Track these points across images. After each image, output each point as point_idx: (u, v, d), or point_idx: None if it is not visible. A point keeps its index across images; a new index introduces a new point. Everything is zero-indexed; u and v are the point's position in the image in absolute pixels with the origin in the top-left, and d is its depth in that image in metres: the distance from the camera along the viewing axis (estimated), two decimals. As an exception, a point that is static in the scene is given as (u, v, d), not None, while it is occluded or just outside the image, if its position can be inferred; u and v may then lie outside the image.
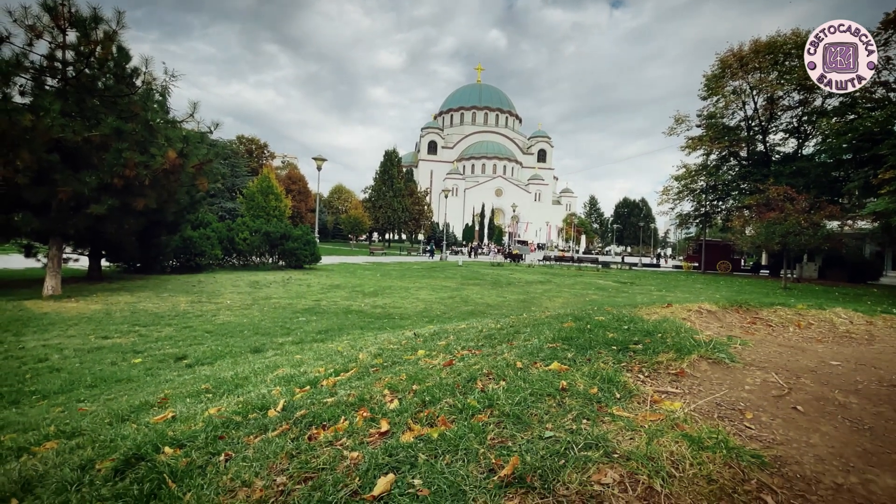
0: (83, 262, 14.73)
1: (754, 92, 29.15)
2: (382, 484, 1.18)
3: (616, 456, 1.25)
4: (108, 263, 16.09)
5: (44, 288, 10.72)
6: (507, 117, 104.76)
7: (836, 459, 1.37)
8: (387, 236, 59.25)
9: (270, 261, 20.78)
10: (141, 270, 16.18)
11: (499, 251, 49.96)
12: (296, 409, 2.01)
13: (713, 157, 31.86)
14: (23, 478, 1.89)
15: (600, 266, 33.61)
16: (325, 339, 7.20)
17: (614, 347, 2.38)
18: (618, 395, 1.73)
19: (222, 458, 1.58)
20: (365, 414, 1.76)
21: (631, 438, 1.36)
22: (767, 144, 30.69)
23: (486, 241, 69.84)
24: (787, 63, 26.25)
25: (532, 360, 2.26)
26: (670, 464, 1.21)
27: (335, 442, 1.54)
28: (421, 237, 58.34)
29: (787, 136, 30.09)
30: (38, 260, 13.49)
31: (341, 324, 8.85)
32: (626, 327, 2.96)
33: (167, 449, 1.82)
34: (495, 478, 1.19)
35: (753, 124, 30.52)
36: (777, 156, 30.53)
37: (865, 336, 4.07)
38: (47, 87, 10.53)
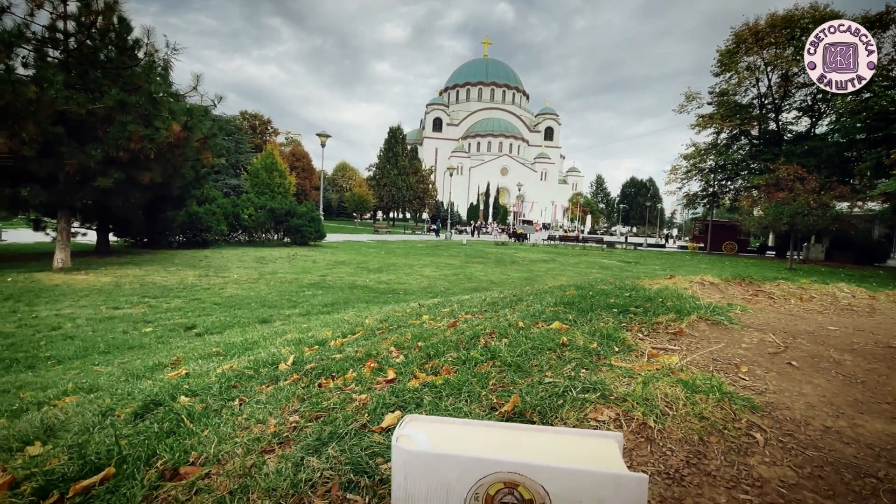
0: (91, 237, 14.90)
1: (769, 68, 28.35)
2: (389, 419, 1.25)
3: (612, 398, 1.31)
4: (115, 238, 16.25)
5: (54, 261, 10.88)
6: (514, 93, 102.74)
7: (827, 406, 1.42)
8: (391, 215, 59.16)
9: (276, 237, 20.90)
10: (148, 245, 16.34)
11: (503, 230, 49.82)
12: (305, 363, 2.09)
13: (724, 135, 31.27)
14: (45, 424, 1.98)
15: (605, 246, 33.55)
16: (331, 312, 7.32)
17: (615, 310, 2.43)
18: (616, 349, 1.78)
19: (236, 402, 1.66)
20: (372, 365, 1.83)
21: (627, 384, 1.41)
22: (780, 123, 30.04)
23: (490, 220, 69.56)
24: (803, 38, 25.43)
25: (534, 321, 2.31)
26: (664, 404, 1.26)
27: (344, 388, 1.61)
28: (425, 216, 58.21)
29: (801, 114, 29.41)
30: (47, 234, 13.65)
31: (347, 298, 8.98)
32: (627, 294, 3.00)
33: (183, 398, 1.91)
34: (496, 413, 1.25)
35: (766, 102, 29.81)
36: (789, 135, 29.90)
37: (867, 309, 4.09)
38: (49, 59, 10.44)
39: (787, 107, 29.59)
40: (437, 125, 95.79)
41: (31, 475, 1.26)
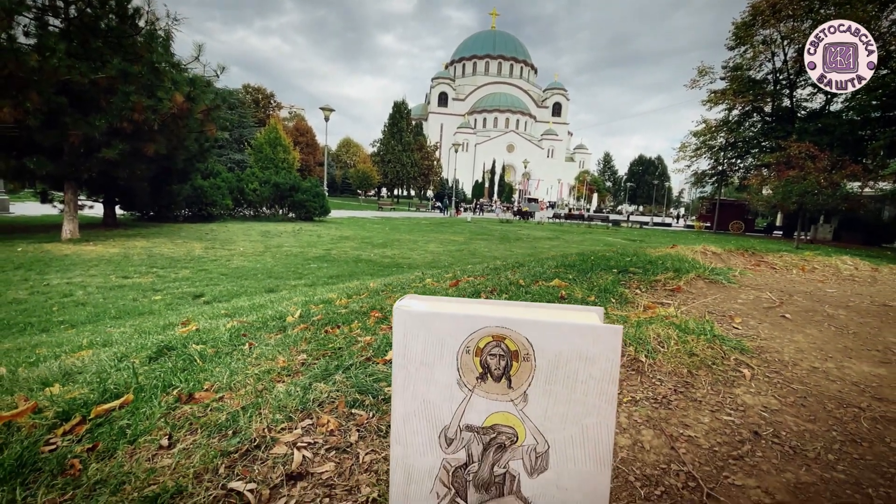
0: (98, 210, 15.01)
1: (785, 42, 27.43)
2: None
3: (607, 338, 1.35)
4: (122, 212, 16.38)
5: (62, 232, 11.02)
6: (521, 67, 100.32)
7: (817, 352, 1.46)
8: (395, 192, 58.85)
9: (280, 212, 20.96)
10: (154, 219, 16.47)
11: (507, 208, 49.52)
12: (312, 316, 2.15)
13: (735, 112, 30.52)
14: (63, 370, 2.07)
15: (610, 224, 33.42)
16: (336, 283, 7.41)
17: (615, 270, 2.46)
18: (613, 301, 1.82)
19: (246, 346, 1.73)
20: (377, 315, 1.89)
21: (622, 326, 1.46)
22: (794, 99, 29.25)
23: (495, 198, 69.07)
24: (822, 11, 24.51)
25: (534, 280, 2.35)
26: (656, 342, 1.31)
27: (350, 333, 1.67)
28: (430, 193, 57.88)
29: (816, 90, 28.60)
30: (55, 206, 13.77)
31: (351, 271, 9.06)
32: (628, 259, 3.03)
33: (194, 345, 1.98)
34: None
35: (781, 77, 28.97)
36: (803, 112, 29.16)
37: (869, 279, 4.10)
38: (50, 28, 10.31)
39: (802, 82, 28.73)
40: (443, 100, 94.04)
41: (53, 403, 1.34)
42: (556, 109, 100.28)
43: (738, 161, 32.41)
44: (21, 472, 0.94)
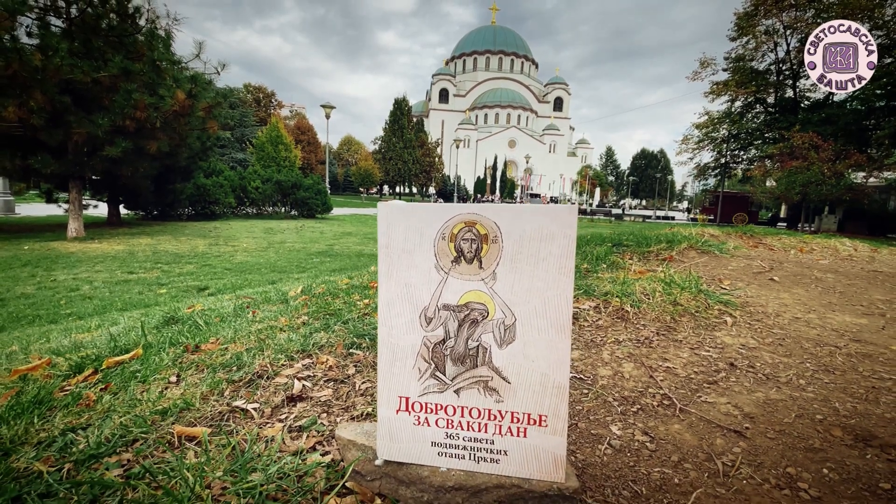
0: (102, 210, 15.14)
1: (788, 32, 27.21)
2: (388, 308, 1.37)
3: (595, 293, 1.40)
4: (126, 211, 16.52)
5: (67, 230, 11.14)
6: (522, 62, 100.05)
7: (801, 306, 1.51)
8: (397, 189, 58.91)
9: (283, 210, 21.07)
10: (158, 217, 16.60)
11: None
12: (313, 290, 2.21)
13: (738, 103, 30.32)
14: (74, 343, 2.15)
15: (612, 219, 33.40)
16: (339, 275, 7.48)
17: (609, 244, 2.51)
18: (605, 266, 1.87)
19: (251, 314, 1.78)
20: (376, 285, 1.94)
21: (611, 284, 1.51)
22: (797, 90, 29.05)
23: (496, 193, 69.00)
24: (825, 0, 24.33)
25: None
26: (642, 294, 1.36)
27: (349, 299, 1.72)
28: (432, 190, 57.90)
29: (819, 80, 28.34)
30: (60, 206, 13.92)
31: (354, 265, 9.12)
32: (624, 237, 3.07)
33: (198, 320, 2.04)
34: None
35: (784, 68, 28.75)
36: (806, 102, 28.95)
37: (867, 259, 4.12)
38: (52, 28, 10.41)
39: (805, 73, 28.52)
40: (444, 96, 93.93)
41: (67, 360, 1.40)
42: (558, 104, 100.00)
43: (742, 153, 32.23)
44: (38, 408, 1.00)
